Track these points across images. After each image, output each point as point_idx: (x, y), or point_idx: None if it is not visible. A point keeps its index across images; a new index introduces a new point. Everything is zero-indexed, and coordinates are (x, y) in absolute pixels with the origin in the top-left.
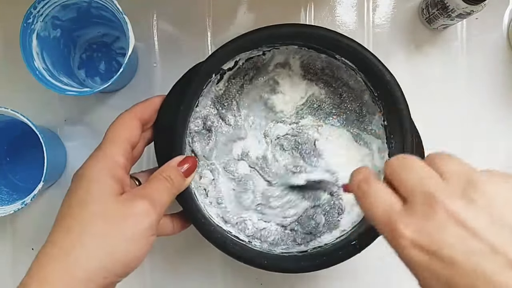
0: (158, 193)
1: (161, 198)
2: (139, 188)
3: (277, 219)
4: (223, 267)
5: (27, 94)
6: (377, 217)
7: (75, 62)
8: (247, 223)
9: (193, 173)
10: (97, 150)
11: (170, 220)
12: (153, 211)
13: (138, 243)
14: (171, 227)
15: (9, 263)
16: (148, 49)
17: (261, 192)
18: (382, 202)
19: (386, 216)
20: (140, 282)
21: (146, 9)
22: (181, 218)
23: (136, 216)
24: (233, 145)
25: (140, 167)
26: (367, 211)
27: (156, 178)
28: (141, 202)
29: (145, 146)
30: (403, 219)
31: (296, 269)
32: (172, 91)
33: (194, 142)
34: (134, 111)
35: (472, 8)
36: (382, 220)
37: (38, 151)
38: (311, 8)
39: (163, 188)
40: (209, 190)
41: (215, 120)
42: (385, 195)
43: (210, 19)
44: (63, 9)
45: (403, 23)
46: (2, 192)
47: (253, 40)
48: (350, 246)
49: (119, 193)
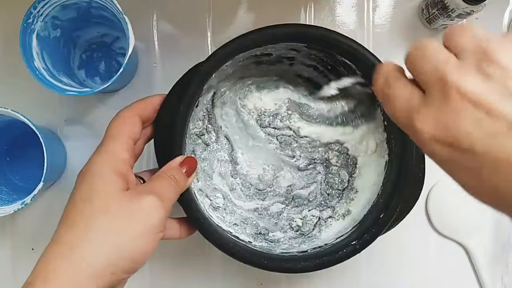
0: (165, 189)
1: (168, 195)
2: (144, 185)
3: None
4: (223, 267)
5: (27, 94)
6: (399, 118)
7: (75, 62)
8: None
9: (194, 173)
10: (99, 147)
11: (177, 224)
12: (161, 207)
13: (146, 238)
14: (178, 231)
15: (9, 263)
16: (148, 49)
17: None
18: (402, 102)
19: (405, 116)
20: (140, 282)
21: (146, 9)
22: (188, 222)
23: (144, 211)
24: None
25: (140, 166)
26: (392, 115)
27: (160, 176)
28: (148, 197)
29: (145, 143)
30: (419, 115)
31: (296, 269)
32: (172, 91)
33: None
34: (134, 108)
35: (472, 8)
36: (403, 122)
37: (38, 151)
38: (311, 8)
39: (168, 185)
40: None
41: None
42: (405, 93)
43: (210, 19)
44: (63, 9)
45: (403, 23)
46: (2, 192)
47: (253, 40)
48: (350, 246)
49: (124, 189)
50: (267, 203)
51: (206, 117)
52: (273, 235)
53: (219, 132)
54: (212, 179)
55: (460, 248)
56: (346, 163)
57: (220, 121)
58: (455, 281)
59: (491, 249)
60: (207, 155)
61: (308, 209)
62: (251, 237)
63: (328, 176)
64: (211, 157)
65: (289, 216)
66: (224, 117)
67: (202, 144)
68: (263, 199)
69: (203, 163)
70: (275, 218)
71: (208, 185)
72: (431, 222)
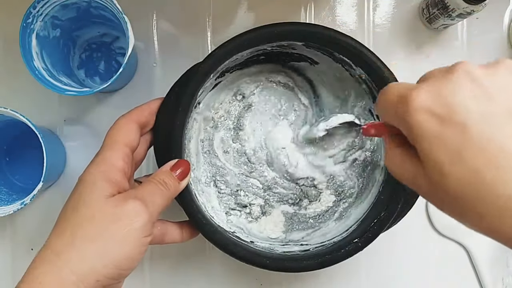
0: (150, 194)
1: (153, 200)
2: (131, 191)
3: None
4: (223, 267)
5: (27, 94)
6: (390, 101)
7: (74, 62)
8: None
9: (187, 176)
10: (95, 156)
11: (179, 228)
12: (144, 211)
13: (130, 244)
14: (179, 235)
15: (9, 263)
16: (147, 49)
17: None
18: (397, 87)
19: (398, 94)
20: (139, 282)
21: (146, 9)
22: (190, 226)
23: (126, 217)
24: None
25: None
26: (383, 105)
27: (149, 181)
28: (132, 202)
29: (147, 149)
30: (417, 89)
31: (299, 268)
32: (170, 93)
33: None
34: (130, 115)
35: (473, 8)
36: (393, 99)
37: (38, 151)
38: (311, 8)
39: (156, 190)
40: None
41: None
42: (402, 84)
43: (210, 19)
44: (63, 9)
45: (403, 23)
46: (2, 192)
47: (251, 39)
48: (352, 244)
49: (112, 195)
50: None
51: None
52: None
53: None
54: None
55: (461, 248)
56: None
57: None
58: (456, 281)
59: (492, 249)
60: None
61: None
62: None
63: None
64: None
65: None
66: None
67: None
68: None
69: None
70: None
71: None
72: (432, 222)
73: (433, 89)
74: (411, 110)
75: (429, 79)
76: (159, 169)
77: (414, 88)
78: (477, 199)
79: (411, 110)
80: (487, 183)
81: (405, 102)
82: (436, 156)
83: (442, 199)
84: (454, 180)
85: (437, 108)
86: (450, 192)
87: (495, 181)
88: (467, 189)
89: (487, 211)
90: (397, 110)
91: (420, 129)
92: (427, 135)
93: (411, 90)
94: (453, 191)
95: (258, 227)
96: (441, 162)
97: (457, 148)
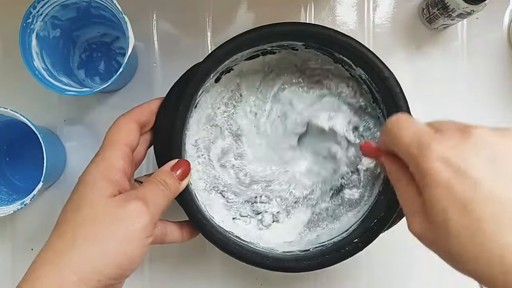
0: (152, 194)
1: (155, 200)
2: (132, 191)
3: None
4: (223, 267)
5: (27, 94)
6: (405, 139)
7: (74, 62)
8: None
9: (187, 176)
10: (95, 156)
11: (179, 228)
12: (146, 212)
13: (131, 244)
14: (180, 235)
15: (9, 263)
16: (148, 49)
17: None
18: (413, 128)
19: (416, 138)
20: (140, 282)
21: (146, 9)
22: (190, 226)
23: (128, 217)
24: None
25: (140, 169)
26: (394, 137)
27: (150, 181)
28: (134, 202)
29: (147, 148)
30: (435, 139)
31: (299, 268)
32: (170, 93)
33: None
34: (129, 114)
35: (473, 8)
36: (410, 141)
37: (38, 151)
38: (311, 8)
39: (157, 191)
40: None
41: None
42: (417, 124)
43: (210, 19)
44: (63, 9)
45: (403, 23)
46: (2, 192)
47: (251, 39)
48: (352, 244)
49: (112, 195)
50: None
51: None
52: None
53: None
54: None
55: None
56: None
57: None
58: (456, 281)
59: None
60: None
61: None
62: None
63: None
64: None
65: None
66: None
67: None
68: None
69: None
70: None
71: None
72: None
73: (454, 145)
74: (430, 157)
75: (446, 132)
76: (160, 169)
77: (435, 139)
78: (474, 243)
79: (430, 157)
80: (488, 233)
81: (424, 148)
82: (445, 203)
83: (438, 239)
84: (457, 226)
85: (455, 162)
86: (451, 234)
87: (494, 231)
88: (467, 232)
89: (482, 255)
90: (411, 151)
91: (434, 175)
92: (441, 182)
93: (433, 140)
94: (454, 235)
95: (270, 233)
96: (448, 208)
97: (466, 203)
